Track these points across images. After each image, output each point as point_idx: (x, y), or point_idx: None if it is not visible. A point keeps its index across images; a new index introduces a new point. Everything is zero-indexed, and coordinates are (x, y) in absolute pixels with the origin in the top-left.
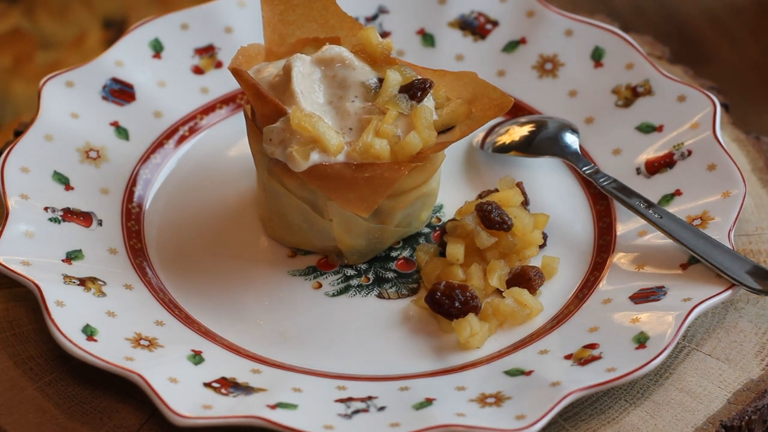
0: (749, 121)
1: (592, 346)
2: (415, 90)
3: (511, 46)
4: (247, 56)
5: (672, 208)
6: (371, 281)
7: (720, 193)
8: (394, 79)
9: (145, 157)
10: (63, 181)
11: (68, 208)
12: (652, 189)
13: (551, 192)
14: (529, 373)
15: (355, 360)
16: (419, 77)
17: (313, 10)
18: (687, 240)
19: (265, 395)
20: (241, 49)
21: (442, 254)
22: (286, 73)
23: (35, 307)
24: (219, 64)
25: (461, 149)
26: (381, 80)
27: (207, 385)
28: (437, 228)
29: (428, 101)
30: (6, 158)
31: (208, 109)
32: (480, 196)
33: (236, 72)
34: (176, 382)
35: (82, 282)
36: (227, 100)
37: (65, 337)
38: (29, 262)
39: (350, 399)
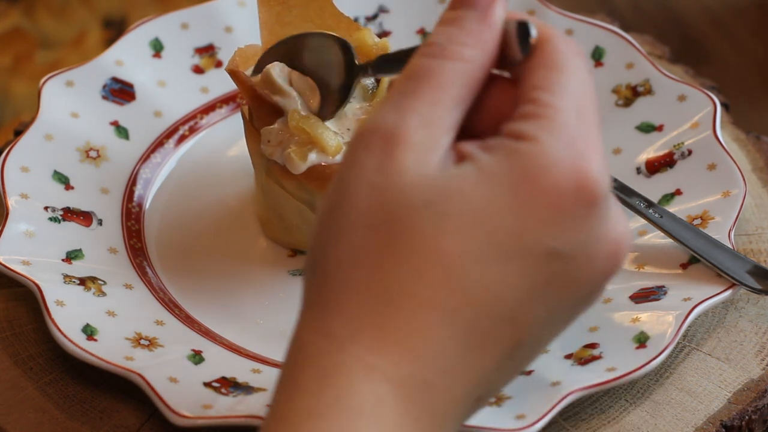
0: (749, 121)
1: (592, 346)
2: None
3: None
4: (245, 57)
5: (672, 208)
6: None
7: (720, 193)
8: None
9: (145, 157)
10: (63, 180)
11: (68, 208)
12: (652, 188)
13: None
14: (529, 373)
15: None
16: None
17: (310, 11)
18: (687, 240)
19: (266, 395)
20: (239, 51)
21: None
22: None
23: (35, 307)
24: (219, 64)
25: None
26: (378, 81)
27: (207, 384)
28: None
29: None
30: (6, 158)
31: (208, 109)
32: None
33: (233, 73)
34: (176, 382)
35: (82, 281)
36: (227, 100)
37: (65, 336)
38: (29, 261)
39: None
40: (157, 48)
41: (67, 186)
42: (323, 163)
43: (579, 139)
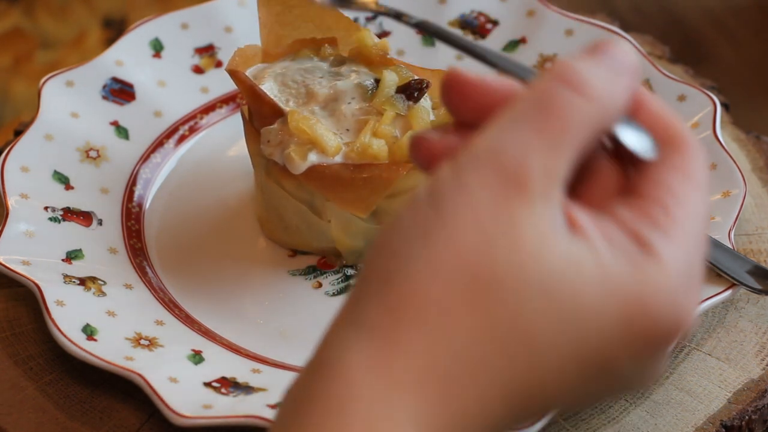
0: (749, 121)
1: None
2: (411, 90)
3: (512, 46)
4: (244, 57)
5: None
6: None
7: (720, 193)
8: (391, 79)
9: (145, 157)
10: (63, 180)
11: (68, 208)
12: None
13: None
14: None
15: None
16: (416, 77)
17: (310, 11)
18: None
19: (266, 395)
20: (238, 51)
21: None
22: None
23: (35, 307)
24: (219, 64)
25: None
26: (378, 81)
27: (207, 384)
28: None
29: (425, 101)
30: (6, 158)
31: (208, 109)
32: None
33: (233, 73)
34: (176, 382)
35: (82, 281)
36: (227, 100)
37: (65, 336)
38: (29, 261)
39: None
40: (157, 48)
41: (67, 186)
42: (323, 164)
43: (694, 279)
